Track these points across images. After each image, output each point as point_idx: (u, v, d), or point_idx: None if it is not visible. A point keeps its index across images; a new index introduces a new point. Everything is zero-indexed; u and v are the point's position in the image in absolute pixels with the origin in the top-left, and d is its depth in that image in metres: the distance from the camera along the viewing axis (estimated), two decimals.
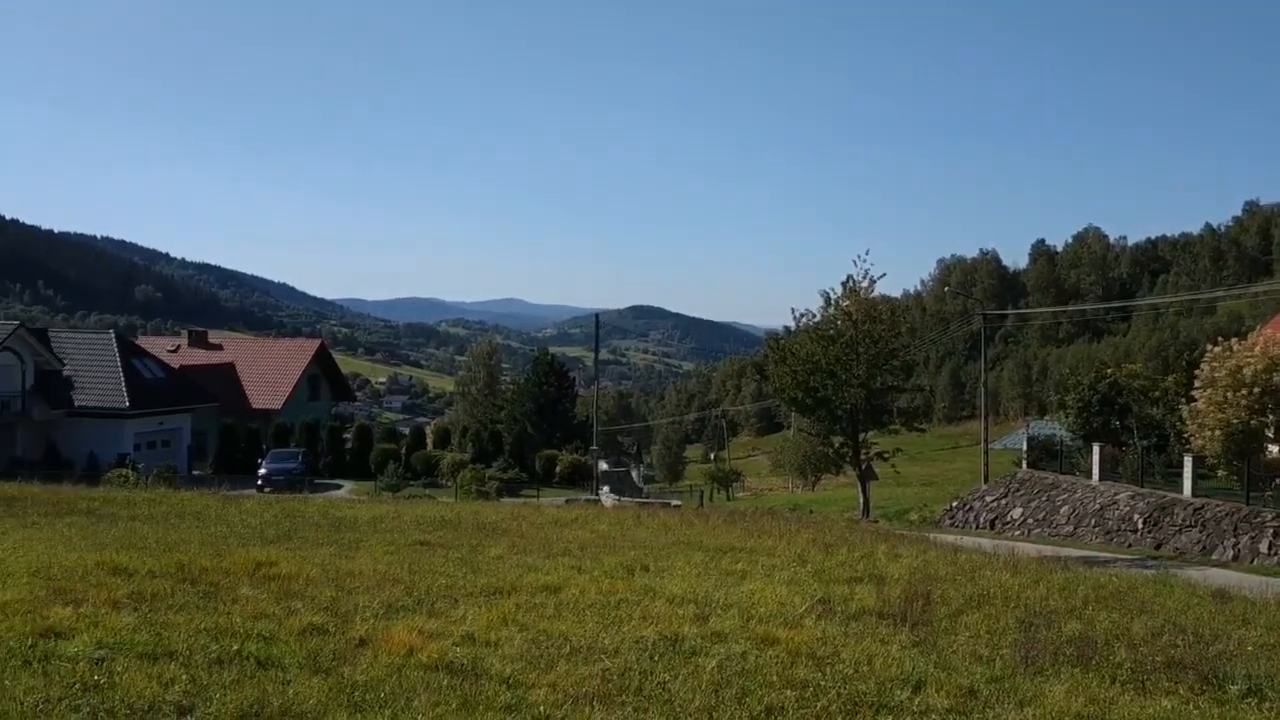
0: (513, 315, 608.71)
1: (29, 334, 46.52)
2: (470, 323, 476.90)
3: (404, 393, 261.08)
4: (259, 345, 73.64)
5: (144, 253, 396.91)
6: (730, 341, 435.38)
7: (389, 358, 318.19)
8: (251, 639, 6.74)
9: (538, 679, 6.15)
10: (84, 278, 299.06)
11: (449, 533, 14.61)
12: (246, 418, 53.47)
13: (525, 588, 9.34)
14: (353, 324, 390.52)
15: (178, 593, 8.31)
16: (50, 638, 6.50)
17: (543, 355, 73.71)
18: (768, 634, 7.68)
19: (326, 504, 20.89)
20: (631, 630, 7.62)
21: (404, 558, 11.40)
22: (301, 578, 9.27)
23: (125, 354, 48.61)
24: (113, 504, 17.30)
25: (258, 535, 13.39)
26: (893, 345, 28.89)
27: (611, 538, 14.86)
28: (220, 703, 5.31)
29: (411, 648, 6.62)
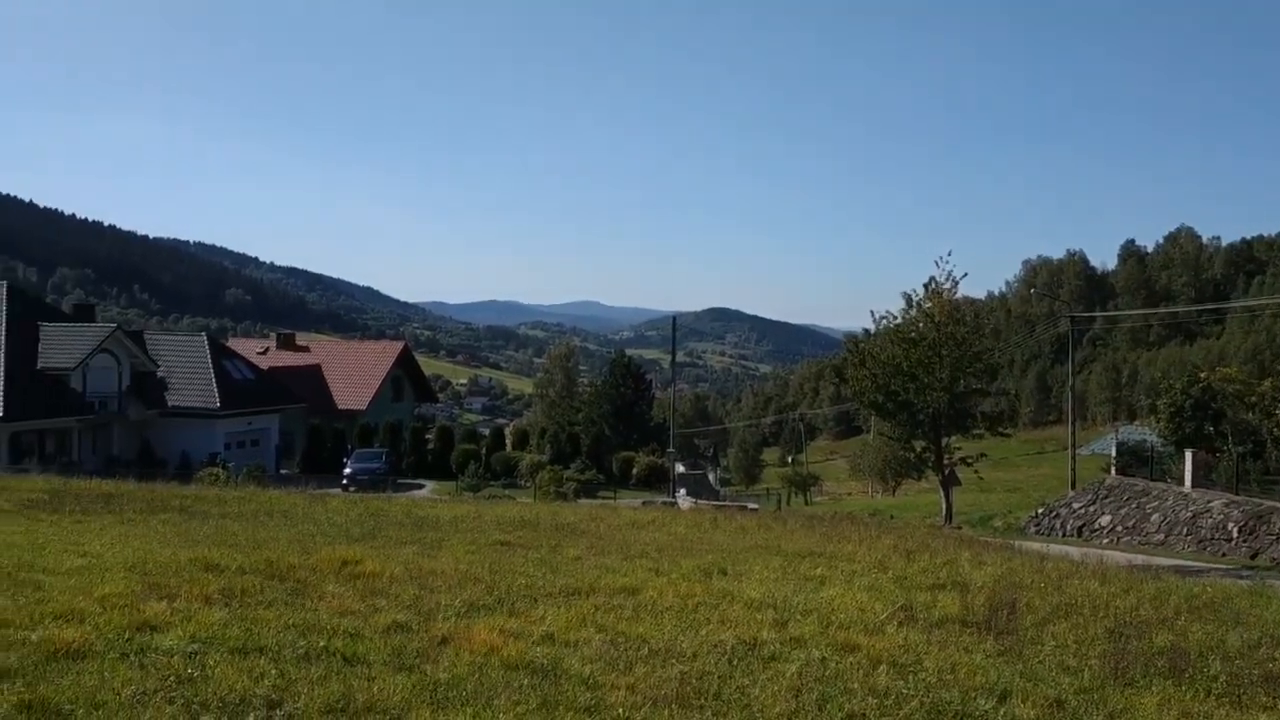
0: (590, 318, 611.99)
1: (125, 336, 48.17)
2: (548, 325, 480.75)
3: (484, 394, 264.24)
4: (345, 347, 75.20)
5: (234, 257, 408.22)
6: (808, 344, 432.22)
7: (469, 360, 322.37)
8: (337, 635, 6.87)
9: (616, 680, 6.17)
10: (177, 282, 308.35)
11: (528, 533, 14.73)
12: (332, 418, 54.65)
13: (603, 589, 9.38)
14: (435, 327, 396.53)
15: (266, 589, 8.51)
16: (146, 631, 6.69)
17: (620, 357, 73.97)
18: (848, 640, 7.60)
19: (409, 503, 21.22)
20: (709, 634, 7.61)
21: (484, 557, 11.52)
22: (385, 576, 9.43)
23: (216, 356, 50.04)
24: (204, 502, 17.79)
25: (343, 534, 13.65)
26: (976, 348, 28.44)
27: (689, 540, 14.84)
28: (308, 697, 5.42)
29: (492, 647, 6.70)
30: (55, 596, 7.65)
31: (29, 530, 12.23)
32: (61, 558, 9.75)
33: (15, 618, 6.79)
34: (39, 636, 6.30)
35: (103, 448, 45.17)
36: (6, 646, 6.07)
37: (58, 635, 6.31)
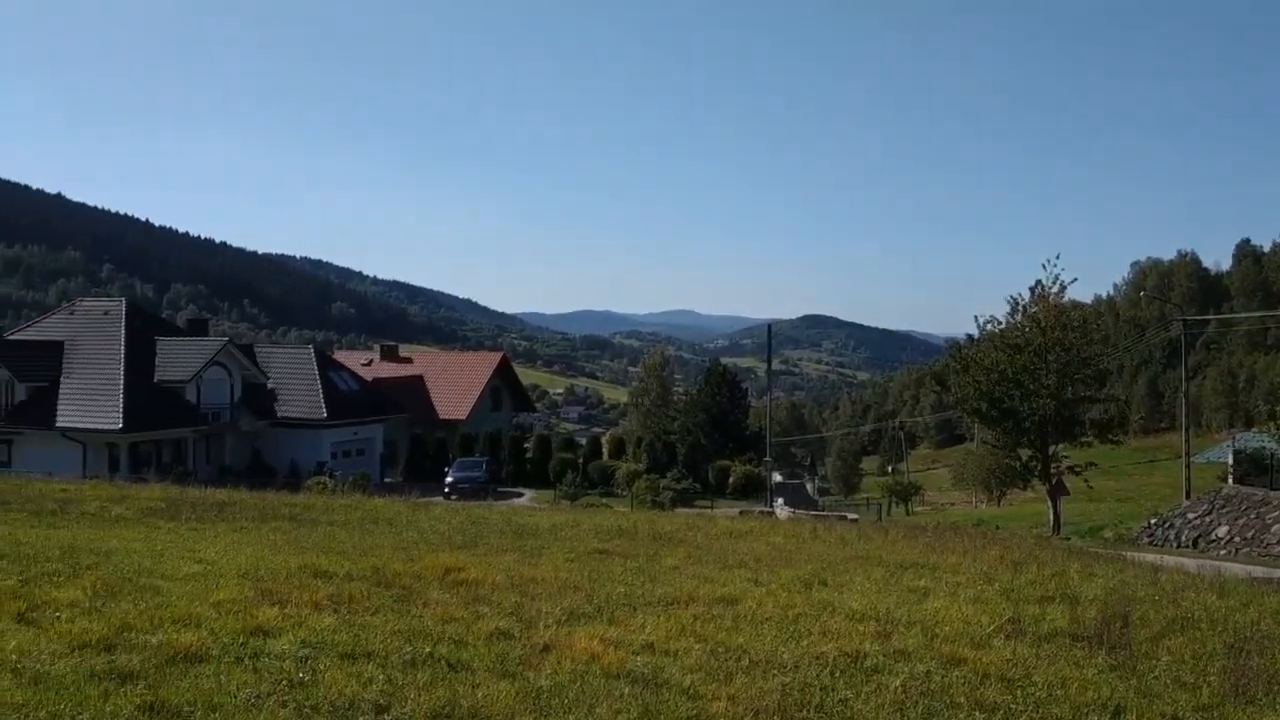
0: (684, 326, 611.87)
1: (237, 349, 49.91)
2: (643, 334, 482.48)
3: (580, 403, 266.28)
4: (445, 358, 76.61)
5: (339, 271, 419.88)
6: (907, 350, 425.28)
7: (566, 369, 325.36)
8: (442, 642, 6.99)
9: (717, 691, 6.14)
10: (285, 296, 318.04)
11: (626, 542, 14.77)
12: (434, 428, 55.71)
13: (702, 599, 9.35)
14: (532, 337, 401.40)
15: (373, 595, 8.70)
16: (259, 636, 6.89)
17: (715, 366, 73.79)
18: (954, 653, 7.44)
19: (509, 511, 21.47)
20: (811, 645, 7.52)
21: (583, 565, 11.59)
22: (488, 583, 9.55)
23: (323, 368, 51.48)
24: (313, 510, 18.24)
25: (446, 541, 13.86)
26: (1085, 353, 27.67)
27: (787, 550, 14.70)
28: (414, 703, 5.52)
29: (593, 655, 6.73)
30: (173, 602, 7.94)
31: (148, 537, 12.71)
32: (179, 564, 10.11)
33: (137, 622, 7.06)
34: (159, 640, 6.54)
35: (216, 457, 46.79)
36: (129, 649, 6.32)
37: (176, 639, 6.54)
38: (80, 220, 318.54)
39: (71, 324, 48.48)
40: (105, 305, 51.41)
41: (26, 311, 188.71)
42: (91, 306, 51.65)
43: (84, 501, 17.20)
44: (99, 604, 7.72)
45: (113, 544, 11.54)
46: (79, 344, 46.11)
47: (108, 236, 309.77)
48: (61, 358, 45.26)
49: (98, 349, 45.59)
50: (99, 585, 8.39)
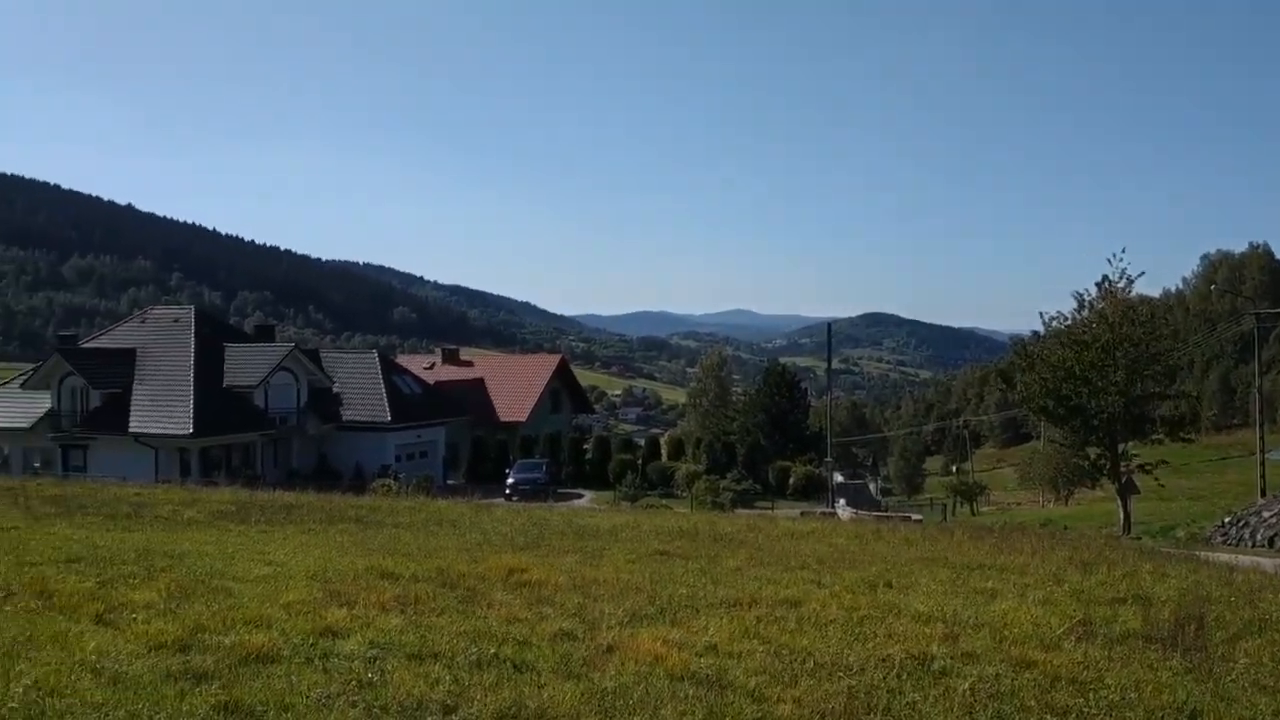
0: (742, 326, 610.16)
1: (303, 355, 50.79)
2: (700, 335, 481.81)
3: (638, 404, 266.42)
4: (505, 361, 77.24)
5: (401, 277, 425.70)
6: (970, 348, 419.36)
7: (623, 371, 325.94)
8: (507, 643, 7.04)
9: (782, 694, 6.11)
10: (348, 302, 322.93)
11: (687, 543, 14.75)
12: (495, 430, 56.16)
13: (765, 600, 9.31)
14: (589, 339, 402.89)
15: (439, 596, 8.79)
16: (328, 637, 7.00)
17: (774, 366, 73.42)
18: (1023, 656, 7.32)
19: (570, 513, 21.55)
20: (876, 648, 7.45)
21: (645, 567, 11.60)
22: (550, 584, 9.61)
23: (386, 372, 52.18)
24: (378, 512, 18.49)
25: (508, 542, 13.97)
26: (1154, 349, 27.08)
27: (850, 552, 14.57)
28: (481, 703, 5.57)
29: (657, 656, 6.73)
30: (245, 603, 8.10)
31: (219, 540, 12.99)
32: (249, 566, 10.31)
33: (210, 623, 7.22)
34: (231, 641, 6.68)
35: (283, 460, 47.62)
36: (203, 650, 6.46)
37: (248, 640, 6.67)
38: (150, 230, 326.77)
39: (143, 332, 49.68)
40: (175, 313, 52.63)
41: (99, 320, 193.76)
42: (162, 314, 52.91)
43: (157, 505, 17.62)
44: (173, 605, 7.91)
45: (185, 547, 11.81)
46: (150, 351, 47.23)
47: (176, 246, 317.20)
48: (134, 365, 46.38)
49: (169, 356, 46.66)
50: (173, 587, 8.59)
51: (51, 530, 13.02)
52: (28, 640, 6.53)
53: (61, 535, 12.49)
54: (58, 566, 9.74)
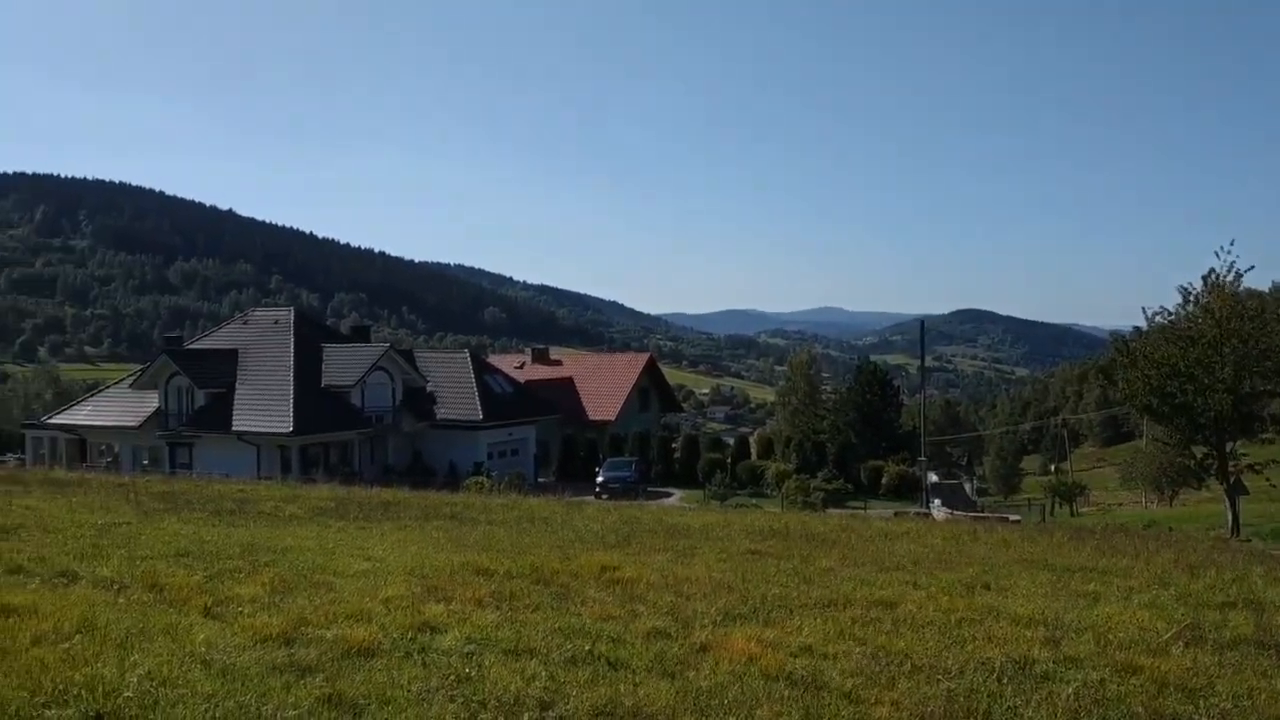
0: (831, 324, 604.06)
1: (397, 355, 51.77)
2: (789, 333, 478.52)
3: (726, 403, 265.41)
4: (594, 360, 77.57)
5: (491, 278, 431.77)
6: (1068, 345, 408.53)
7: (711, 369, 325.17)
8: (601, 640, 7.07)
9: (879, 695, 6.02)
10: (441, 302, 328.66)
11: (778, 543, 14.65)
12: (584, 428, 56.50)
13: (860, 601, 9.19)
14: (677, 337, 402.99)
15: (533, 593, 8.88)
16: (426, 632, 7.12)
17: (865, 363, 72.48)
18: (1128, 661, 7.10)
19: (660, 511, 21.58)
20: (975, 651, 7.30)
21: (736, 566, 11.55)
22: (643, 582, 9.63)
23: (478, 371, 52.90)
24: (472, 509, 18.75)
25: (600, 540, 14.04)
26: (1264, 344, 25.99)
27: (946, 553, 14.31)
28: (577, 700, 5.60)
29: (751, 656, 6.70)
30: (345, 598, 8.28)
31: (319, 536, 13.31)
32: (349, 561, 10.55)
33: (312, 617, 7.40)
34: (333, 635, 6.83)
35: (380, 458, 48.59)
36: (307, 644, 6.63)
37: (349, 634, 6.82)
38: (250, 235, 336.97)
39: (245, 333, 51.18)
40: (275, 314, 54.08)
41: (203, 322, 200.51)
42: (263, 316, 54.43)
43: (259, 501, 18.13)
44: (277, 600, 8.13)
45: (288, 542, 12.13)
46: (252, 352, 48.64)
47: (276, 250, 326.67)
48: (236, 365, 47.81)
49: (269, 356, 48.00)
50: (277, 581, 8.83)
51: (161, 525, 13.49)
52: (140, 631, 6.77)
53: (170, 530, 12.93)
54: (167, 561, 10.09)
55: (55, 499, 16.63)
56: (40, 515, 13.82)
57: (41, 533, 11.93)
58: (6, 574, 8.90)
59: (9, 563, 9.40)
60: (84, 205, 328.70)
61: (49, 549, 10.50)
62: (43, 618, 6.91)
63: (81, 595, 8.03)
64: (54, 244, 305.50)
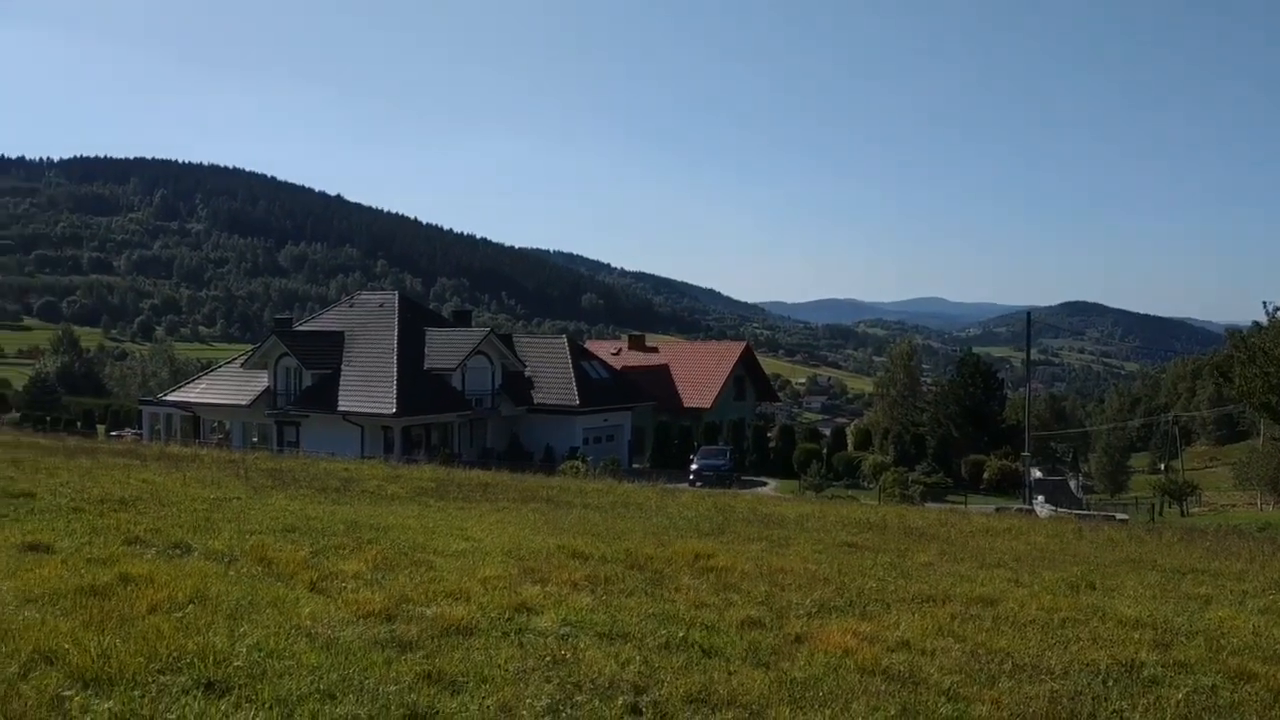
0: (933, 314, 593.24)
1: (497, 339, 52.57)
2: (888, 323, 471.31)
3: (822, 393, 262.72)
4: (689, 348, 77.56)
5: (589, 264, 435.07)
6: (1181, 339, 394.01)
7: (808, 359, 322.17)
8: (695, 627, 7.07)
9: (979, 694, 5.90)
10: (539, 288, 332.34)
11: (875, 535, 14.47)
12: (678, 416, 56.57)
13: (959, 597, 9.01)
14: (773, 326, 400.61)
15: (627, 578, 8.92)
16: (523, 612, 7.20)
17: (968, 355, 70.95)
18: (1242, 668, 6.82)
19: (754, 500, 21.51)
20: (1080, 652, 7.10)
21: (832, 558, 11.44)
22: (736, 571, 9.59)
23: (575, 357, 53.40)
24: (567, 493, 18.95)
25: (694, 528, 14.05)
26: None
27: (1050, 551, 13.95)
28: (671, 686, 5.61)
29: (847, 649, 6.62)
30: (444, 576, 8.44)
31: (420, 515, 13.60)
32: (448, 541, 10.74)
33: (413, 594, 7.55)
34: (433, 613, 6.96)
35: (479, 440, 49.46)
36: (407, 620, 6.77)
37: (448, 612, 6.94)
38: (357, 220, 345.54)
39: (351, 316, 52.54)
40: (380, 298, 55.38)
41: (310, 304, 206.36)
42: (368, 299, 55.80)
43: (363, 480, 18.60)
44: (379, 576, 8.32)
45: (389, 520, 12.42)
46: (357, 334, 49.90)
47: (381, 234, 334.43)
48: (343, 347, 49.12)
49: (374, 339, 49.19)
50: (379, 559, 9.04)
51: (269, 501, 13.94)
52: (250, 604, 7.00)
53: (278, 506, 13.35)
54: (275, 535, 10.41)
55: (170, 473, 17.30)
56: (156, 489, 14.39)
57: (157, 505, 12.42)
58: (125, 544, 9.28)
59: (127, 533, 9.82)
60: (200, 190, 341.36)
61: (164, 521, 10.93)
62: (158, 587, 7.19)
63: (194, 567, 8.34)
64: (171, 227, 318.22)
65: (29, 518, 10.66)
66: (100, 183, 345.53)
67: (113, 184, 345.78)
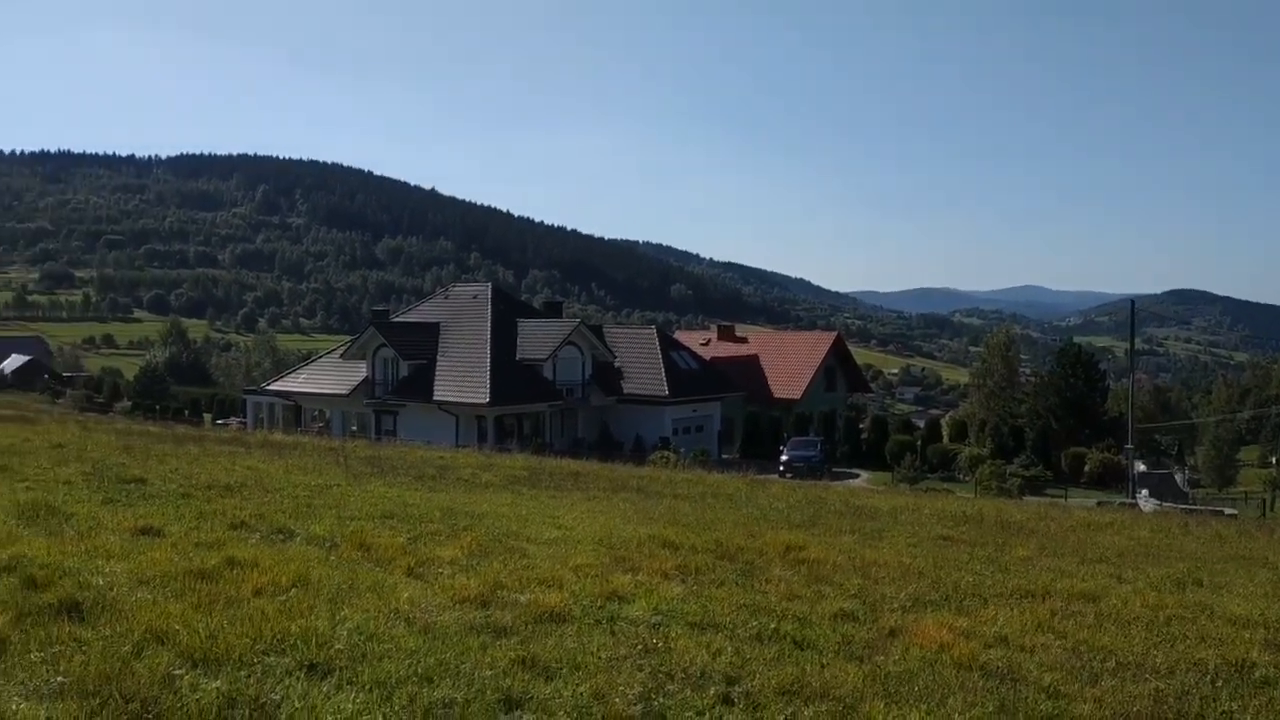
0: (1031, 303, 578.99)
1: (588, 330, 52.87)
2: (985, 312, 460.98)
3: (916, 384, 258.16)
4: (779, 338, 76.94)
5: (678, 255, 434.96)
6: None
7: (901, 349, 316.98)
8: (787, 619, 7.04)
9: (1080, 692, 5.76)
10: (629, 279, 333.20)
11: (971, 529, 14.21)
12: (768, 406, 56.21)
13: (1059, 593, 8.80)
14: (865, 316, 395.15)
15: (717, 568, 8.92)
16: (614, 601, 7.25)
17: (1069, 345, 69.08)
18: None
19: (846, 492, 21.30)
20: (1186, 651, 6.88)
21: (927, 551, 11.28)
22: (829, 563, 9.52)
23: (665, 347, 53.43)
24: (657, 482, 19.02)
25: (784, 519, 13.97)
26: None
27: (1154, 546, 13.54)
28: (763, 677, 5.59)
29: (943, 644, 6.52)
30: (537, 564, 8.55)
31: (513, 503, 13.79)
32: (540, 529, 10.88)
33: (507, 581, 7.67)
34: (527, 599, 7.06)
35: (569, 430, 49.88)
36: (502, 606, 6.87)
37: (542, 599, 7.03)
38: (451, 213, 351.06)
39: (445, 307, 53.44)
40: (474, 290, 56.19)
41: (406, 296, 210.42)
42: (462, 291, 56.67)
43: (458, 468, 18.93)
44: (474, 563, 8.47)
45: (484, 508, 12.62)
46: (452, 325, 50.73)
47: (474, 227, 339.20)
48: (438, 338, 49.99)
49: (468, 330, 49.95)
50: (474, 546, 9.20)
51: (368, 488, 14.27)
52: (350, 588, 7.19)
53: (377, 493, 13.66)
54: (374, 522, 10.67)
55: (273, 460, 17.84)
56: (260, 475, 14.86)
57: (261, 492, 12.82)
58: (231, 529, 9.61)
59: (233, 518, 10.16)
60: (300, 185, 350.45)
61: (268, 507, 11.28)
62: (263, 571, 7.42)
63: (297, 551, 8.59)
64: (273, 221, 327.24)
65: (141, 502, 11.11)
66: (205, 179, 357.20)
67: (217, 180, 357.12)
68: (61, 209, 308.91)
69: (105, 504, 10.72)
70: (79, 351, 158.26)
